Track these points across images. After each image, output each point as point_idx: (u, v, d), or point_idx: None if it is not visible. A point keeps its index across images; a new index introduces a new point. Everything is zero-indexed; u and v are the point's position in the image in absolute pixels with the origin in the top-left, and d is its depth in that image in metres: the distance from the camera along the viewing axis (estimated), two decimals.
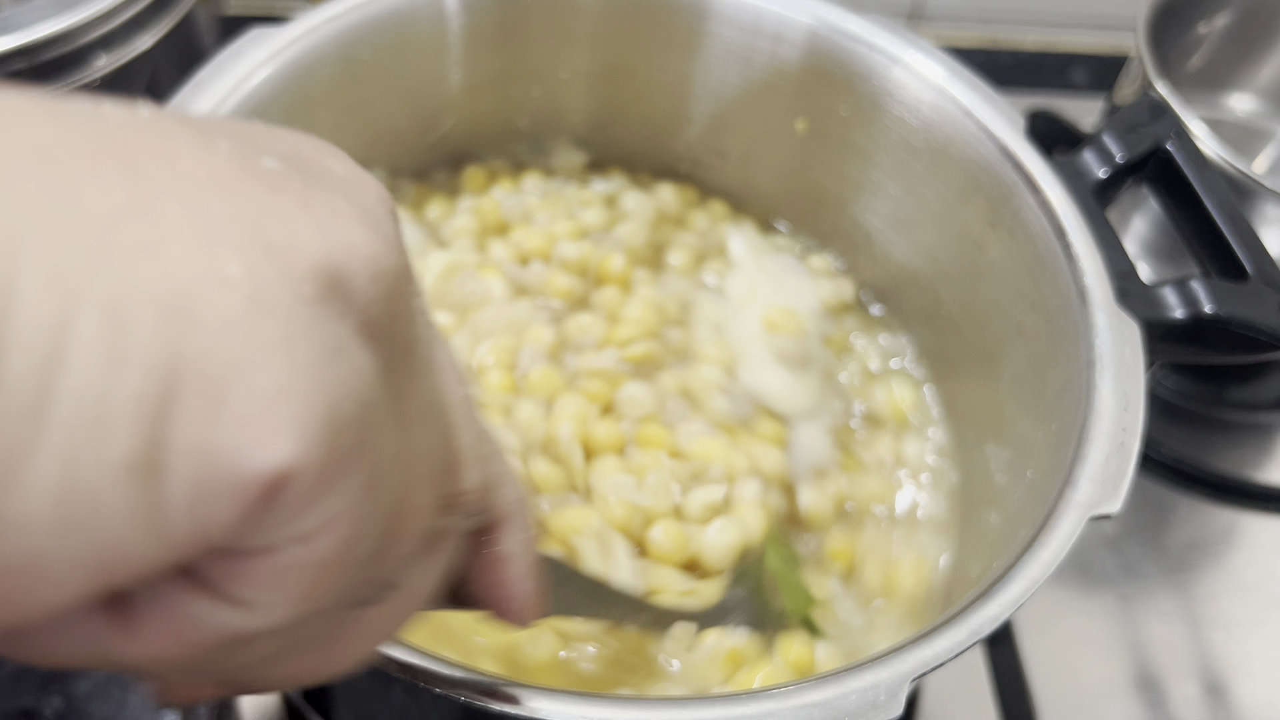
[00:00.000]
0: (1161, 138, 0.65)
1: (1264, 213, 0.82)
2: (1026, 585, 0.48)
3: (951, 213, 0.68)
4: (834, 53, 0.68)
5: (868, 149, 0.71)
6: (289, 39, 0.62)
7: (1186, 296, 0.59)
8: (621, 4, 0.71)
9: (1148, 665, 0.78)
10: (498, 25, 0.70)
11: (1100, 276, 0.58)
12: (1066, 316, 0.58)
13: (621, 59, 0.73)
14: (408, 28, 0.67)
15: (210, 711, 0.74)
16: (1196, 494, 0.87)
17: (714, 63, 0.73)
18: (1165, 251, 0.89)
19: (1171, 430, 0.90)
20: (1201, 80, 1.05)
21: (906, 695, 0.44)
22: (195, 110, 0.57)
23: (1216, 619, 0.81)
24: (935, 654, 0.45)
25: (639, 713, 0.41)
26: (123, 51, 0.80)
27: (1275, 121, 1.07)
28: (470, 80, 0.72)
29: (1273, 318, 0.59)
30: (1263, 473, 0.89)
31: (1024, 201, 0.62)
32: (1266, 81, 1.05)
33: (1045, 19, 1.25)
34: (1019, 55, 1.25)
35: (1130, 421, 0.53)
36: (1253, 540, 0.86)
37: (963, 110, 0.65)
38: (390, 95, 0.69)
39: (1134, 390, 0.54)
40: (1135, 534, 0.85)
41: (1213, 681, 0.78)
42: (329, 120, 0.66)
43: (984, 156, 0.64)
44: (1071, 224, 0.60)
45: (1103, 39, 1.26)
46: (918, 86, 0.66)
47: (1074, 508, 0.50)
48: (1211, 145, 0.79)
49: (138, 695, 0.74)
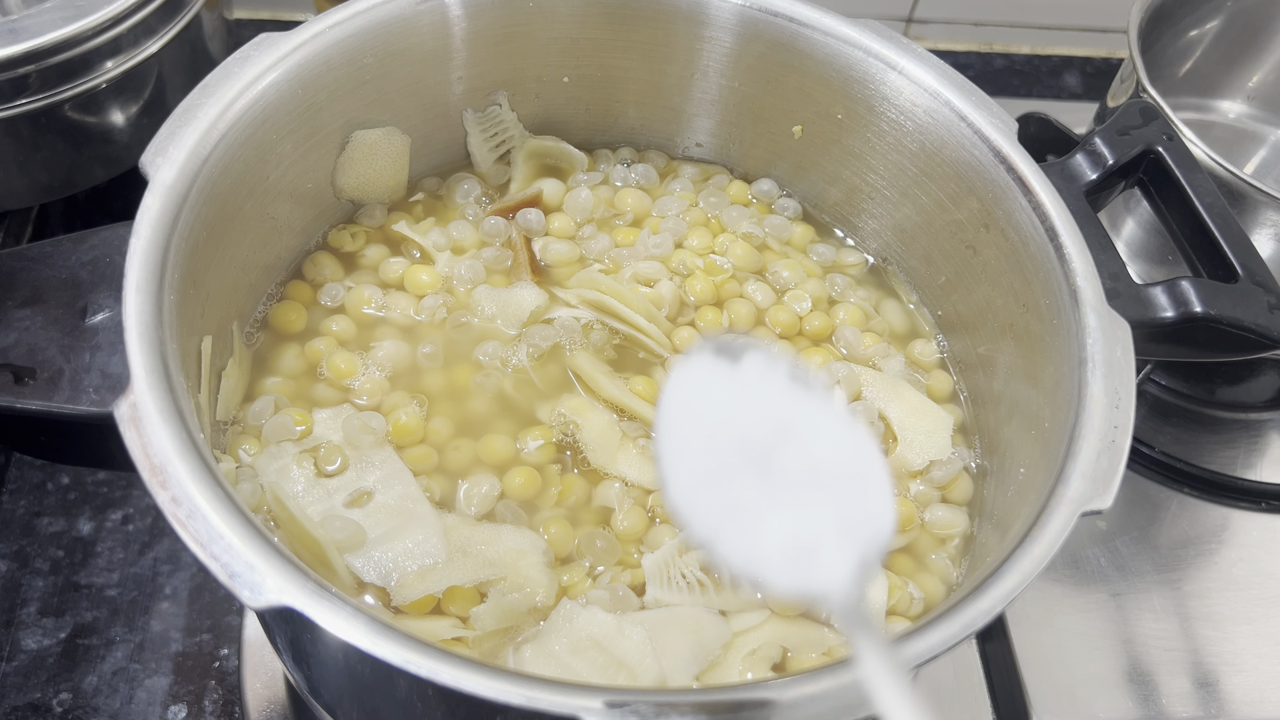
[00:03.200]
0: (1152, 141, 0.66)
1: (1254, 214, 0.83)
2: (1019, 580, 0.48)
3: (945, 215, 0.69)
4: (831, 58, 0.69)
5: (863, 152, 0.72)
6: (295, 44, 0.62)
7: (1177, 297, 0.60)
8: (621, 9, 0.72)
9: (1139, 660, 0.79)
10: (499, 29, 0.71)
11: (1092, 277, 0.59)
12: (1058, 316, 0.59)
13: (621, 63, 0.74)
14: (412, 33, 0.67)
15: (217, 706, 0.75)
16: (1188, 491, 0.88)
17: (712, 68, 0.74)
18: (1156, 253, 0.90)
19: (1163, 428, 0.91)
20: (1192, 84, 1.06)
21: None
22: (203, 112, 0.58)
23: (1207, 615, 0.82)
24: (928, 647, 0.46)
25: (642, 704, 0.42)
26: (130, 56, 0.80)
27: (1265, 124, 1.08)
28: (473, 84, 0.73)
29: (1262, 317, 0.60)
30: (1253, 471, 0.90)
31: (1016, 204, 0.63)
32: (1256, 85, 1.06)
33: (1038, 25, 1.26)
34: (1012, 60, 1.26)
35: (1121, 419, 0.54)
36: (1243, 537, 0.87)
37: (956, 114, 0.66)
38: (395, 98, 0.70)
39: (1125, 389, 0.55)
40: (1127, 530, 0.86)
41: (1203, 676, 0.79)
42: (335, 124, 0.67)
43: (977, 159, 0.65)
44: (1063, 226, 0.61)
45: (1094, 45, 1.27)
46: (912, 91, 0.67)
47: (1065, 504, 0.51)
48: (1202, 148, 0.80)
49: (144, 690, 0.75)
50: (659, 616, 0.56)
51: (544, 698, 0.42)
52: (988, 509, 0.64)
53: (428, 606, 0.57)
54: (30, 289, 0.57)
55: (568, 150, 0.77)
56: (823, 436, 0.45)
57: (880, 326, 0.73)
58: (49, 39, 0.75)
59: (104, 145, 0.85)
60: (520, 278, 0.71)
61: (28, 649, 0.76)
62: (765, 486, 0.43)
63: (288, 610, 0.43)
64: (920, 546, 0.64)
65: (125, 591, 0.79)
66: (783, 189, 0.79)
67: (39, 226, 0.93)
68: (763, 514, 0.43)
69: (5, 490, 0.82)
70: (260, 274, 0.67)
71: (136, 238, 0.53)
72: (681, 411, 0.45)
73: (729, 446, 0.44)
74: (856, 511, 0.43)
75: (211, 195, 0.57)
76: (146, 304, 0.51)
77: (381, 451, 0.61)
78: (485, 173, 0.77)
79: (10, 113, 0.77)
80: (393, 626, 0.43)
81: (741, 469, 0.44)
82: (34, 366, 0.54)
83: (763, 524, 0.43)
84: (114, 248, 0.58)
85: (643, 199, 0.76)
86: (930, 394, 0.69)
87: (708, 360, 0.47)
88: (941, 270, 0.71)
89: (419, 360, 0.67)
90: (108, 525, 0.81)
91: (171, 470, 0.46)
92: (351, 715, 0.60)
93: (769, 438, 0.44)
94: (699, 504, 0.43)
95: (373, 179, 0.72)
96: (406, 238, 0.72)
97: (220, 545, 0.44)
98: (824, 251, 0.76)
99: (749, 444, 0.44)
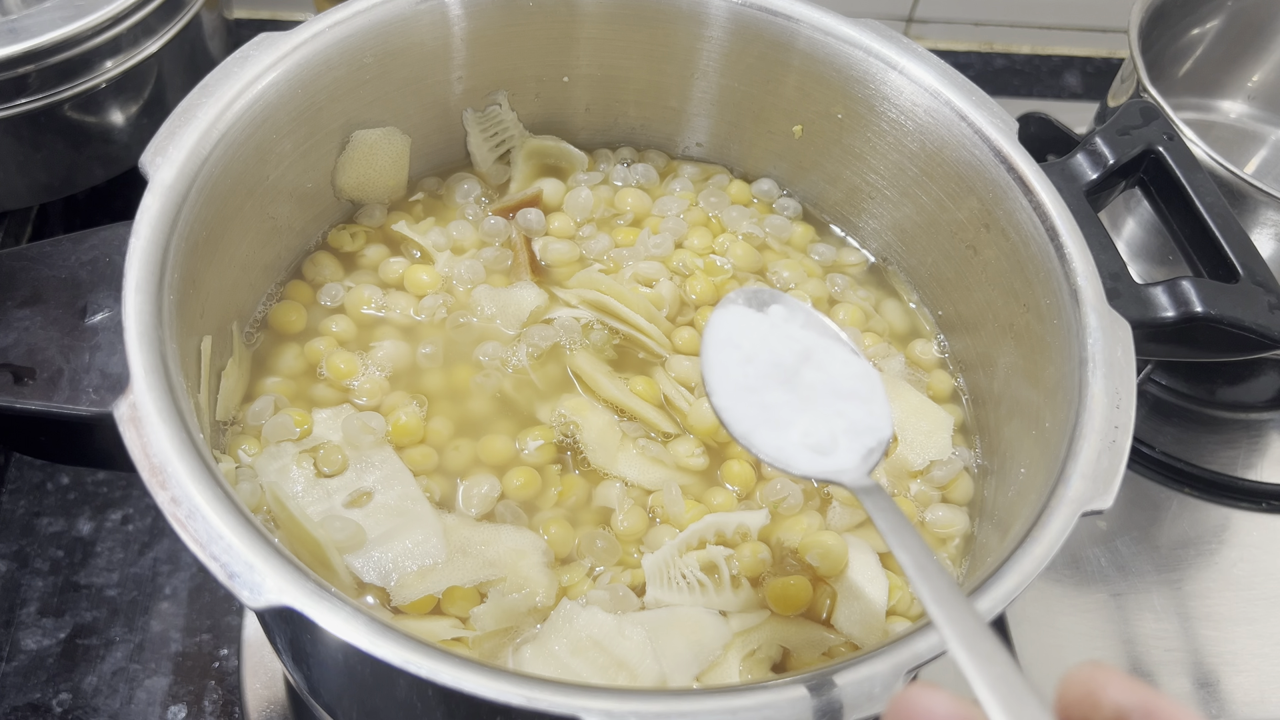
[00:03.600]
0: (1153, 141, 0.66)
1: (1254, 214, 0.83)
2: (1019, 580, 0.48)
3: (946, 215, 0.68)
4: (831, 58, 0.69)
5: (863, 152, 0.72)
6: (295, 44, 0.62)
7: (1177, 296, 0.60)
8: (621, 10, 0.72)
9: (1140, 660, 0.79)
10: (499, 29, 0.71)
11: (1092, 277, 0.59)
12: (1059, 316, 0.59)
13: (621, 63, 0.74)
14: (411, 32, 0.67)
15: (217, 706, 0.75)
16: (1188, 491, 0.88)
17: (712, 68, 0.74)
18: (1156, 253, 0.90)
19: (1163, 428, 0.91)
20: (1192, 84, 1.06)
21: (901, 688, 0.45)
22: (202, 112, 0.58)
23: (1208, 615, 0.82)
24: (930, 647, 0.46)
25: (642, 704, 0.43)
26: (130, 55, 0.81)
27: (1265, 124, 1.08)
28: (473, 84, 0.73)
29: (1263, 317, 0.60)
30: (1253, 471, 0.90)
31: (1017, 203, 0.63)
32: (1257, 85, 1.06)
33: (1038, 25, 1.26)
34: (1012, 60, 1.26)
35: (1122, 419, 0.54)
36: (1244, 538, 0.87)
37: (957, 114, 0.66)
38: (395, 98, 0.70)
39: (1125, 388, 0.55)
40: (1127, 530, 0.86)
41: (1204, 677, 0.79)
42: (335, 124, 0.67)
43: (977, 159, 0.65)
44: (1064, 225, 0.61)
45: (1095, 44, 1.27)
46: (913, 91, 0.67)
47: (1066, 504, 0.51)
48: (1202, 148, 0.80)
49: (144, 690, 0.75)
50: (659, 617, 0.56)
51: (544, 698, 0.42)
52: (988, 509, 0.64)
53: (427, 607, 0.57)
54: (30, 289, 0.57)
55: (568, 150, 0.77)
56: (835, 361, 0.55)
57: (880, 326, 0.73)
58: (49, 39, 0.75)
59: (104, 145, 0.85)
60: (520, 278, 0.71)
61: (28, 649, 0.76)
62: (790, 398, 0.54)
63: (287, 610, 0.43)
64: None
65: (125, 591, 0.79)
66: (783, 189, 0.79)
67: (39, 226, 0.93)
68: (789, 417, 0.53)
69: (5, 490, 0.82)
70: (260, 274, 0.67)
71: (136, 238, 0.52)
72: (721, 341, 0.55)
73: (761, 367, 0.55)
74: (862, 416, 0.53)
75: (211, 195, 0.57)
76: (146, 304, 0.51)
77: (381, 452, 0.61)
78: (485, 173, 0.77)
79: (10, 113, 0.77)
80: (393, 626, 0.43)
81: (772, 384, 0.54)
82: (34, 366, 0.54)
83: (789, 425, 0.53)
84: (114, 248, 0.58)
85: (643, 199, 0.76)
86: (930, 394, 0.69)
87: (741, 305, 0.57)
88: (942, 270, 0.71)
89: (419, 360, 0.67)
90: (108, 525, 0.81)
91: (171, 470, 0.46)
92: (351, 715, 0.60)
93: (793, 362, 0.55)
94: (738, 410, 0.53)
95: (373, 179, 0.72)
96: (406, 238, 0.72)
97: (220, 545, 0.44)
98: (824, 251, 0.76)
99: (777, 366, 0.55)
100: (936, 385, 0.70)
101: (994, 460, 0.66)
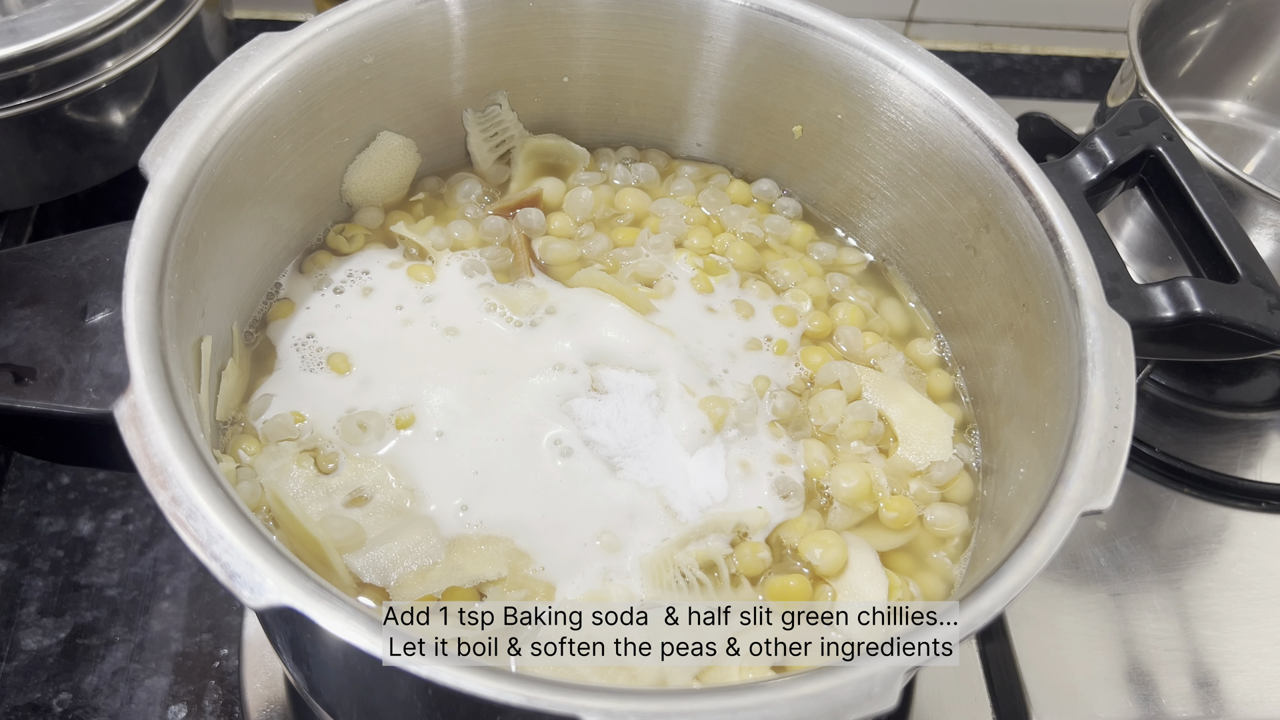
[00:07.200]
0: (1152, 141, 0.66)
1: (1254, 214, 0.83)
2: (1019, 580, 0.48)
3: (945, 215, 0.69)
4: (831, 58, 0.69)
5: (863, 152, 0.72)
6: (295, 44, 0.62)
7: (1177, 296, 0.60)
8: (621, 10, 0.72)
9: (1139, 660, 0.79)
10: (499, 29, 0.71)
11: (1091, 277, 0.59)
12: (1058, 316, 0.59)
13: (621, 63, 0.74)
14: (412, 33, 0.67)
15: (217, 705, 0.75)
16: (1188, 491, 0.88)
17: (712, 68, 0.74)
18: (1156, 253, 0.90)
19: (1163, 428, 0.91)
20: (1192, 84, 1.06)
21: (901, 688, 0.45)
22: (203, 112, 0.58)
23: (1207, 615, 0.82)
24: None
25: (642, 704, 0.43)
26: (130, 56, 0.81)
27: (1265, 124, 1.08)
28: (473, 84, 0.73)
29: (1262, 317, 0.60)
30: (1253, 471, 0.90)
31: (1016, 204, 0.63)
32: (1256, 85, 1.06)
33: (1038, 25, 1.26)
34: (1012, 60, 1.26)
35: (1121, 419, 0.54)
36: (1243, 537, 0.87)
37: (956, 114, 0.66)
38: (395, 98, 0.70)
39: (1125, 388, 0.55)
40: (1127, 530, 0.86)
41: (1203, 676, 0.79)
42: (335, 124, 0.67)
43: (977, 159, 0.65)
44: (1063, 225, 0.61)
45: (1094, 44, 1.27)
46: (912, 91, 0.67)
47: (1065, 504, 0.51)
48: (1202, 148, 0.80)
49: (144, 690, 0.75)
50: (659, 616, 0.56)
51: (544, 698, 0.42)
52: (988, 508, 0.64)
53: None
54: (30, 289, 0.57)
55: (569, 146, 0.77)
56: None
57: (880, 326, 0.73)
58: (49, 39, 0.75)
59: (104, 145, 0.85)
60: (520, 277, 0.71)
61: (28, 649, 0.76)
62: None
63: (288, 610, 0.43)
64: (920, 545, 0.64)
65: (125, 591, 0.79)
66: (783, 188, 0.79)
67: (39, 226, 0.93)
68: None
69: (5, 490, 0.82)
70: (260, 274, 0.67)
71: (136, 238, 0.53)
72: None
73: None
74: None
75: (212, 195, 0.57)
76: (146, 304, 0.51)
77: (381, 451, 0.61)
78: (485, 172, 0.77)
79: (10, 113, 0.77)
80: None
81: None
82: (34, 366, 0.54)
83: None
84: (114, 248, 0.58)
85: (643, 198, 0.76)
86: (930, 394, 0.69)
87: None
88: (941, 270, 0.71)
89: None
90: (108, 525, 0.81)
91: (171, 470, 0.46)
92: (351, 715, 0.60)
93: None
94: None
95: (379, 186, 0.72)
96: (405, 238, 0.72)
97: (220, 545, 0.44)
98: (824, 251, 0.76)
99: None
100: (936, 385, 0.70)
101: (994, 460, 0.66)
